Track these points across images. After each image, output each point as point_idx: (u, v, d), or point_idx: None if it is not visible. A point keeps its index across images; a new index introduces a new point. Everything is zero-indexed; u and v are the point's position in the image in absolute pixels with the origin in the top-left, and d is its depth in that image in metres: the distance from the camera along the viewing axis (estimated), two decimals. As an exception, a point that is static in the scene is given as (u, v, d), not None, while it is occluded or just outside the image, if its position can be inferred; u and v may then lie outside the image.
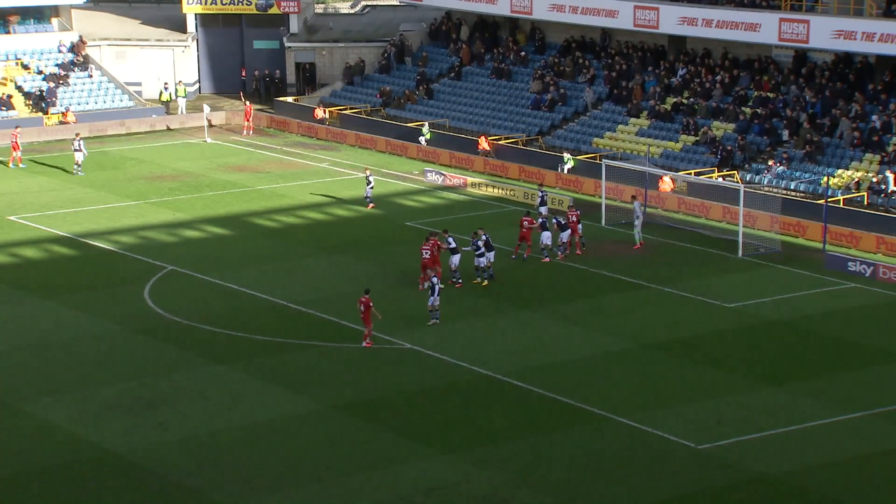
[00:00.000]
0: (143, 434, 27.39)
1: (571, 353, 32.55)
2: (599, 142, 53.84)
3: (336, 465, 26.08)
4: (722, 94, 53.23)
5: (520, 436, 27.56)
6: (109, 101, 63.20)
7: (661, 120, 53.56)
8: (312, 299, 36.46)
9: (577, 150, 53.03)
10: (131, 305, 35.85)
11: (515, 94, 59.43)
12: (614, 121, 54.91)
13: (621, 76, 56.75)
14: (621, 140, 53.51)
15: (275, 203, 47.99)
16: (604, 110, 56.12)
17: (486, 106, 59.26)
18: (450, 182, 51.11)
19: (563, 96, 57.28)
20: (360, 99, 63.42)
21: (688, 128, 52.13)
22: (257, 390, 29.94)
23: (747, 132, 50.64)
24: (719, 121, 52.09)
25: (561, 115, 56.78)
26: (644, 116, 54.27)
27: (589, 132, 54.86)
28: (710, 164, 49.54)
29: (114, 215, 45.97)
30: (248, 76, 69.78)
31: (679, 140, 52.04)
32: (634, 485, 25.41)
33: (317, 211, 47.12)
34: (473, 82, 61.67)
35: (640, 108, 54.62)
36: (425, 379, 30.80)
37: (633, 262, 40.29)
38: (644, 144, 52.01)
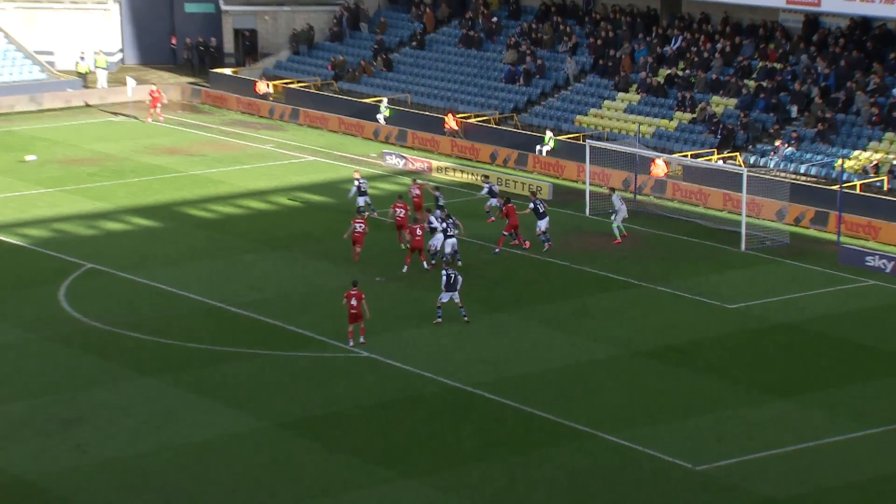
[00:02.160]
0: (57, 457, 27.24)
1: (552, 362, 32.66)
2: (583, 120, 54.03)
3: (282, 491, 26.05)
4: (722, 65, 53.57)
5: (492, 456, 27.63)
6: (17, 73, 62.72)
7: (652, 95, 53.81)
8: (254, 301, 36.37)
9: (558, 129, 53.22)
10: (44, 309, 35.63)
11: (487, 65, 59.51)
12: (600, 96, 55.12)
13: (607, 44, 56.95)
14: (608, 118, 53.73)
15: (210, 191, 47.83)
16: (588, 84, 56.31)
17: (453, 79, 59.32)
18: (412, 166, 51.15)
19: (540, 68, 57.41)
20: (309, 71, 63.32)
21: (683, 104, 52.42)
22: (191, 406, 29.86)
23: (751, 108, 50.99)
24: (719, 95, 52.42)
25: (539, 90, 56.94)
26: (634, 91, 54.51)
27: (571, 109, 55.05)
28: (708, 144, 49.84)
29: (22, 205, 45.64)
30: (178, 44, 69.47)
31: (673, 118, 52.33)
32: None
33: (259, 200, 47.02)
34: (439, 52, 61.71)
35: (630, 82, 54.86)
36: (384, 391, 30.82)
37: (622, 257, 40.45)
38: (634, 123, 52.22)
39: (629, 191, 46.79)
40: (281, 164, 51.93)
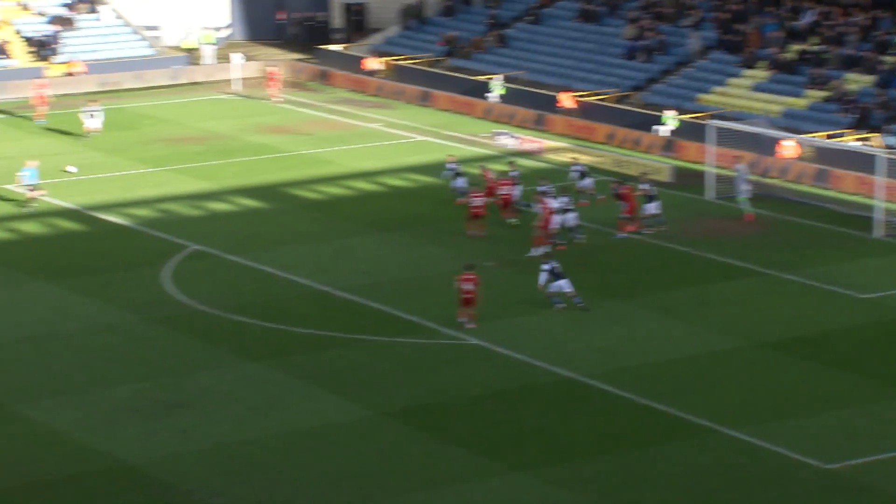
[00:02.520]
0: (161, 442, 27.78)
1: (670, 352, 32.39)
2: (706, 98, 53.40)
3: (389, 483, 26.25)
4: (858, 39, 52.48)
5: (607, 450, 27.51)
6: (124, 49, 63.94)
7: (782, 72, 52.98)
8: (361, 285, 36.66)
9: (680, 108, 52.66)
10: (149, 291, 36.33)
11: (605, 41, 59.11)
12: (725, 73, 54.43)
13: (734, 19, 56.20)
14: (733, 96, 53.04)
15: (317, 171, 48.28)
16: (712, 60, 55.62)
17: (569, 56, 59.03)
18: (525, 146, 51.02)
19: (662, 44, 56.85)
20: (420, 47, 63.51)
21: (815, 81, 51.52)
22: (296, 393, 30.22)
23: (889, 86, 49.90)
24: (854, 72, 51.39)
25: (660, 67, 56.39)
26: (762, 67, 53.72)
27: (694, 87, 54.44)
28: (842, 124, 48.93)
29: (128, 184, 46.58)
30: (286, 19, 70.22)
31: (804, 96, 51.47)
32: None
33: (367, 181, 47.33)
34: (555, 27, 61.44)
35: (757, 58, 54.07)
36: (494, 381, 30.85)
37: (747, 243, 39.90)
38: (761, 101, 51.47)
39: (756, 173, 46.12)
40: (389, 143, 52.22)
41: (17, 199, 44.24)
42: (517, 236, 40.29)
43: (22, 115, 55.98)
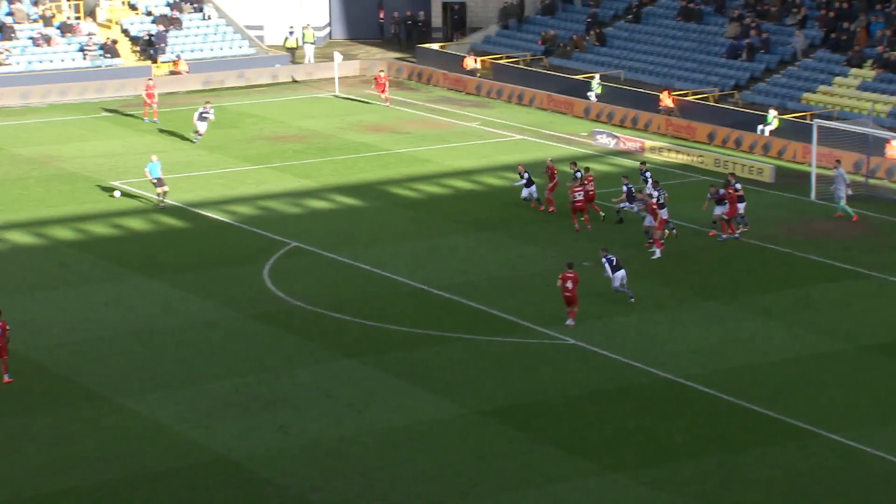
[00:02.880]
0: (260, 438, 28.07)
1: (771, 355, 31.96)
2: (811, 97, 52.62)
3: (484, 481, 26.23)
4: (967, 38, 51.30)
5: (705, 452, 27.22)
6: (227, 48, 64.77)
7: (889, 71, 51.99)
8: (458, 284, 36.69)
9: (783, 108, 51.97)
10: (249, 287, 36.74)
11: (707, 39, 58.53)
12: (830, 72, 53.59)
13: (840, 17, 55.27)
14: (838, 95, 52.20)
15: (416, 169, 48.42)
16: (817, 59, 54.79)
17: (670, 54, 58.55)
18: (624, 146, 50.70)
19: (765, 42, 56.11)
20: (519, 46, 63.42)
21: (923, 80, 50.47)
22: (393, 390, 30.34)
23: None
24: (963, 71, 50.25)
25: (763, 65, 55.69)
26: (868, 66, 52.80)
27: (798, 86, 53.68)
28: (951, 124, 47.88)
29: (230, 182, 47.15)
30: (386, 18, 70.56)
31: (911, 95, 50.47)
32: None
33: (465, 179, 47.35)
34: (655, 25, 60.98)
35: (864, 57, 53.12)
36: (591, 381, 30.69)
37: (851, 244, 39.21)
38: (867, 101, 50.57)
39: (861, 174, 45.36)
40: (487, 142, 52.20)
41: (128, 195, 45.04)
42: (614, 237, 40.03)
43: (129, 113, 56.97)
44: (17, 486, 26.11)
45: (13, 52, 61.03)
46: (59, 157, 49.81)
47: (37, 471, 26.67)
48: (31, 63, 61.04)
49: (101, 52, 62.06)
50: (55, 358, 32.08)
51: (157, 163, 43.56)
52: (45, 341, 33.06)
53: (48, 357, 32.12)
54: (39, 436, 28.16)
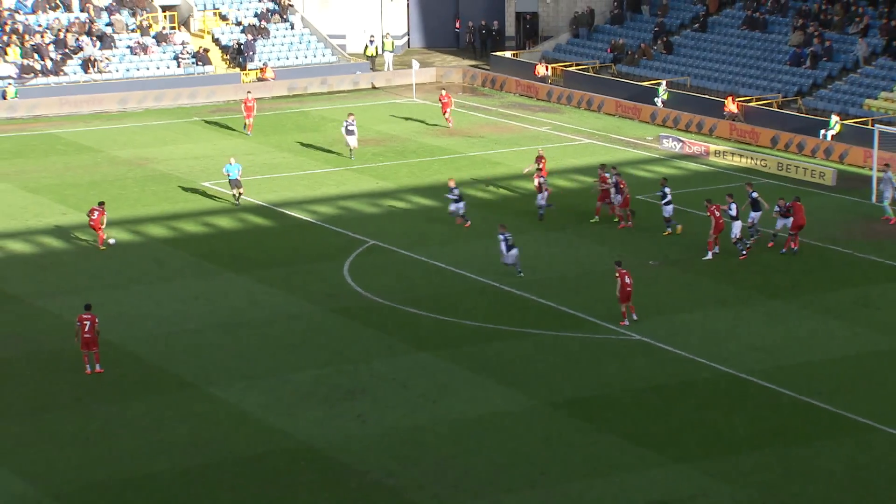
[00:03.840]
0: (340, 426, 28.17)
1: (831, 352, 31.49)
2: (872, 103, 51.80)
3: (553, 470, 26.12)
4: None
5: (767, 445, 26.88)
6: (311, 56, 65.14)
7: (948, 77, 51.03)
8: (527, 281, 36.57)
9: (845, 114, 51.21)
10: (329, 283, 36.90)
11: (771, 47, 57.84)
12: (892, 79, 52.74)
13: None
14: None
15: (488, 171, 48.34)
16: (878, 66, 53.92)
17: (735, 62, 57.95)
18: (689, 150, 50.24)
19: (828, 50, 55.33)
20: (588, 54, 63.11)
21: (982, 86, 49.44)
22: (465, 382, 30.31)
23: None
24: None
25: (825, 73, 54.93)
26: (927, 73, 51.83)
27: (860, 92, 52.88)
28: None
29: (312, 183, 47.41)
30: (462, 28, 70.55)
31: (970, 101, 49.48)
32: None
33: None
34: (721, 34, 60.37)
35: (923, 64, 52.17)
36: (656, 375, 30.45)
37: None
38: (926, 106, 49.69)
39: None
40: (557, 146, 51.99)
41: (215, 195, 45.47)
42: (679, 238, 39.68)
43: (217, 118, 57.49)
44: (113, 468, 26.45)
45: (112, 60, 61.88)
46: (154, 160, 50.38)
47: (131, 454, 26.99)
48: (128, 70, 61.86)
49: (193, 60, 62.71)
50: (148, 348, 32.45)
51: (235, 165, 43.85)
52: (139, 332, 33.46)
53: (142, 347, 32.50)
54: (134, 421, 28.50)
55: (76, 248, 40.29)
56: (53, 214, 43.59)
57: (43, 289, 36.61)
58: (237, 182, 43.73)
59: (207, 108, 59.53)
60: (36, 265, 38.82)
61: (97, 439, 27.66)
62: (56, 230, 41.87)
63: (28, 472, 26.16)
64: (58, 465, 26.51)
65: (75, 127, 56.19)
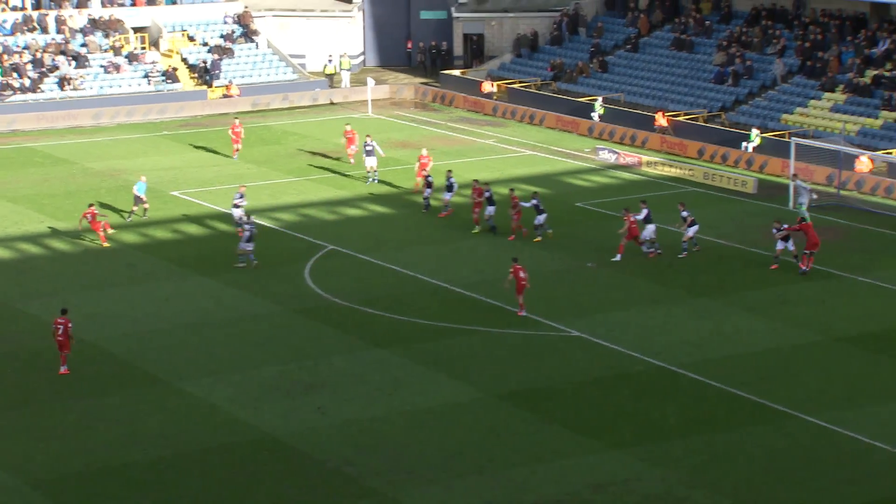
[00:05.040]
0: (301, 418, 28.10)
1: (753, 346, 31.83)
2: (789, 118, 52.39)
3: (499, 457, 26.21)
4: (929, 65, 50.97)
5: (695, 432, 27.13)
6: (273, 74, 64.87)
7: (858, 95, 51.71)
8: (477, 282, 36.66)
9: (764, 127, 51.75)
10: (291, 285, 36.78)
11: (697, 66, 58.33)
12: (806, 95, 53.35)
13: (815, 47, 55.00)
14: (813, 116, 51.95)
15: (439, 181, 48.36)
16: (794, 84, 54.55)
17: (664, 80, 58.38)
18: (623, 161, 50.59)
19: (749, 69, 55.91)
20: (530, 72, 63.34)
21: (889, 103, 50.17)
22: (418, 376, 30.33)
23: (957, 107, 48.38)
24: (925, 95, 49.93)
25: (746, 90, 55.47)
26: (840, 91, 52.51)
27: (777, 108, 53.44)
28: (913, 142, 47.59)
29: (275, 192, 47.21)
30: (413, 48, 70.60)
31: (879, 117, 50.16)
32: (822, 489, 24.71)
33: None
34: (651, 54, 60.81)
35: (836, 82, 52.85)
36: (594, 369, 30.63)
37: (824, 248, 39.04)
38: (839, 121, 50.32)
39: (833, 186, 45.15)
40: (502, 157, 52.15)
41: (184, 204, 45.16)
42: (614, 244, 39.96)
43: (185, 132, 57.13)
44: (89, 458, 26.25)
45: (87, 78, 61.33)
46: (126, 171, 49.97)
47: (106, 445, 26.80)
48: (102, 88, 61.34)
49: (163, 77, 62.30)
50: (122, 346, 32.21)
51: (143, 184, 43.10)
52: (113, 332, 33.20)
53: (116, 345, 32.26)
54: (108, 415, 28.29)
55: (54, 253, 39.92)
56: (31, 222, 43.15)
57: (22, 292, 36.25)
58: (141, 199, 42.90)
59: (176, 122, 59.15)
60: (15, 270, 38.43)
61: (74, 432, 27.44)
62: (34, 237, 41.46)
63: (7, 463, 25.90)
64: (36, 457, 26.27)
65: (51, 141, 55.63)
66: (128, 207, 44.29)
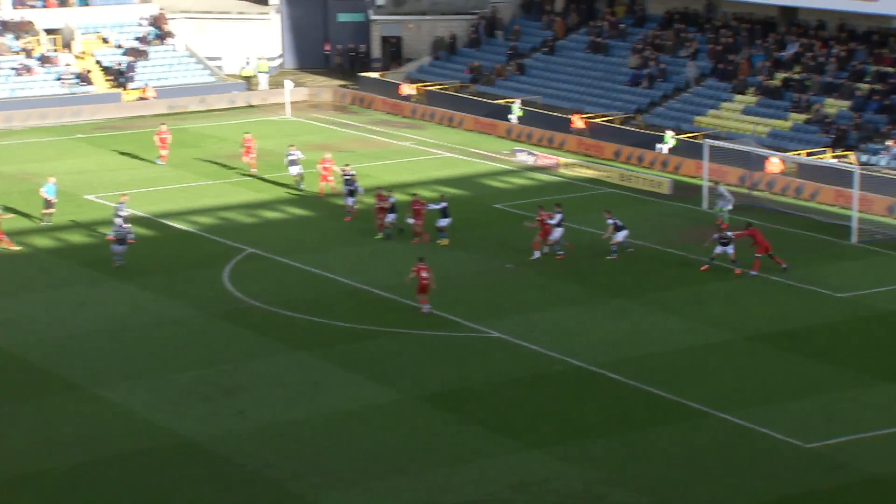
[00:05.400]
0: (221, 422, 27.83)
1: (669, 344, 32.22)
2: (702, 120, 53.15)
3: (420, 458, 26.20)
4: (836, 69, 52.10)
5: (613, 431, 27.38)
6: (189, 77, 64.17)
7: (769, 97, 52.65)
8: (396, 284, 36.62)
9: (678, 129, 52.43)
10: (210, 289, 36.41)
11: (612, 69, 58.93)
12: (718, 98, 54.16)
13: (727, 50, 55.89)
14: (725, 118, 52.76)
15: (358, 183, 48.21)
16: (707, 87, 55.36)
17: (581, 82, 58.87)
18: (541, 162, 50.90)
19: (662, 72, 56.61)
20: (448, 75, 63.47)
21: (798, 105, 51.16)
22: (338, 378, 30.21)
23: (863, 110, 49.50)
24: (833, 98, 51.02)
25: (661, 92, 56.17)
26: (751, 93, 53.41)
27: (691, 110, 54.19)
28: (822, 144, 48.57)
29: (192, 195, 46.71)
30: (331, 50, 70.34)
31: (788, 118, 51.12)
32: (737, 485, 25.09)
33: (400, 192, 47.24)
34: (568, 57, 61.29)
35: (747, 85, 53.76)
36: (513, 369, 30.76)
37: (738, 248, 39.66)
38: (750, 123, 51.17)
39: (745, 186, 45.90)
40: (421, 159, 52.19)
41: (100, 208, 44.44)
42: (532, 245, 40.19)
43: (99, 135, 56.24)
44: (4, 466, 25.70)
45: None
46: (39, 174, 49.01)
47: (20, 453, 26.26)
48: (13, 90, 60.13)
49: (76, 80, 61.28)
50: (37, 352, 31.61)
51: (53, 185, 42.46)
52: (28, 337, 32.56)
53: (31, 351, 31.64)
54: (23, 422, 27.74)
55: (-36, 258, 39.03)
56: (-59, 227, 42.10)
57: (-68, 298, 35.39)
58: (50, 201, 42.25)
59: (90, 125, 58.21)
60: (-75, 275, 37.50)
61: (-13, 440, 26.85)
62: (-56, 242, 40.48)
63: (-81, 474, 25.25)
64: (-52, 467, 25.65)
65: (-38, 143, 54.42)
66: (38, 212, 43.44)
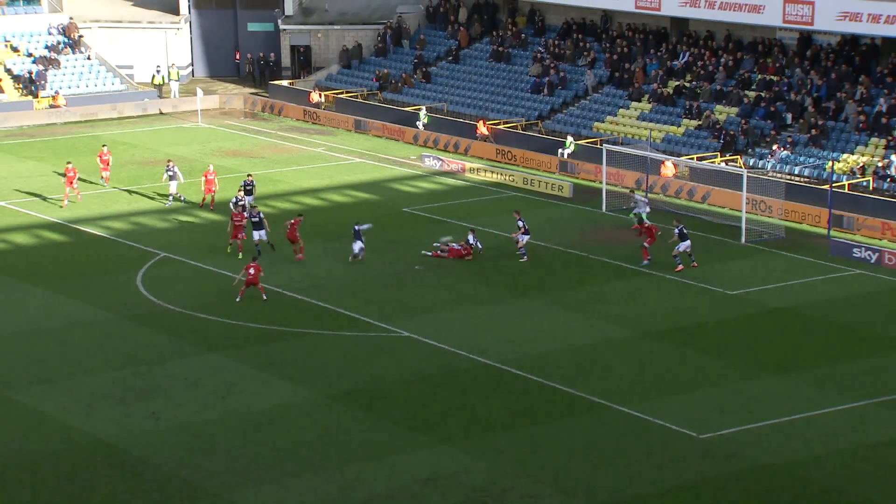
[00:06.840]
0: (135, 423, 27.45)
1: (571, 341, 32.59)
2: (600, 126, 53.81)
3: (332, 455, 26.14)
4: (725, 77, 53.18)
5: (518, 425, 27.62)
6: (101, 85, 63.13)
7: (662, 104, 53.51)
8: (307, 286, 36.49)
9: (578, 135, 53.02)
10: (124, 293, 35.88)
11: (515, 77, 59.35)
12: (615, 105, 54.88)
13: (623, 59, 56.67)
14: (622, 124, 53.48)
15: (269, 189, 47.94)
16: (604, 94, 56.06)
17: (484, 90, 59.20)
18: (447, 167, 51.10)
19: (563, 80, 57.21)
20: (357, 83, 63.37)
21: (690, 112, 52.11)
22: (252, 379, 30.00)
23: (751, 116, 50.61)
24: (722, 105, 52.06)
25: (561, 99, 56.73)
26: (645, 100, 54.22)
27: (590, 116, 54.82)
28: (712, 148, 49.53)
29: (105, 201, 45.96)
30: (241, 59, 69.77)
31: (681, 124, 52.03)
32: (635, 474, 25.49)
33: (312, 196, 47.10)
34: (472, 66, 61.59)
35: (642, 92, 54.57)
36: (423, 367, 30.86)
37: (635, 248, 40.29)
38: (645, 129, 51.98)
39: (641, 189, 46.60)
40: (331, 165, 52.04)
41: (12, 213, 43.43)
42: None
43: (11, 142, 55.00)
44: (-85, 473, 25.00)
45: None
46: (-50, 181, 47.82)
47: (-67, 459, 25.57)
48: (-78, 97, 58.53)
49: (-14, 87, 59.86)
50: (-52, 359, 30.80)
51: None
52: (-61, 344, 31.71)
53: (-58, 358, 30.81)
54: (-65, 428, 27.01)
55: None
56: None
57: None
58: None
59: (1, 133, 56.86)
60: None
61: None
62: None
63: None
64: None
65: None
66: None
